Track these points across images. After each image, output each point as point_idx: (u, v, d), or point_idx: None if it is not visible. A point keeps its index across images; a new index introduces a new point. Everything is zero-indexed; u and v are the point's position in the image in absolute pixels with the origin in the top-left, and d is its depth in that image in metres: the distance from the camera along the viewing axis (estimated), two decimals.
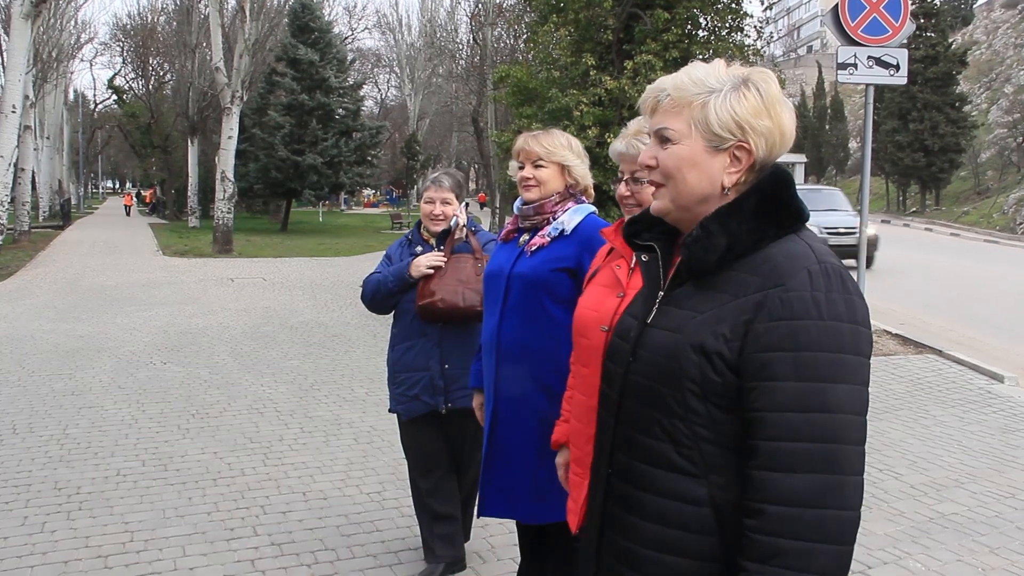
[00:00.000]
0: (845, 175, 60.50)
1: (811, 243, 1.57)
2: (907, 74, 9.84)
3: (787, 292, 1.49)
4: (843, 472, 1.44)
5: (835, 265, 1.52)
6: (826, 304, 1.47)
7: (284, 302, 13.60)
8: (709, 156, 1.60)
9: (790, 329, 1.47)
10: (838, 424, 1.45)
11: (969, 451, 6.22)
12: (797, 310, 1.47)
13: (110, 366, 8.60)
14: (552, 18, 11.87)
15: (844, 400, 1.45)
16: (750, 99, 1.58)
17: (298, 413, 6.98)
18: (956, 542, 4.59)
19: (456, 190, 3.73)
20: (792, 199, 1.60)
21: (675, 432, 1.57)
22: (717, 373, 1.52)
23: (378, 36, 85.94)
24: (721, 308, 1.54)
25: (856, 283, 1.52)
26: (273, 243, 26.76)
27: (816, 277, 1.49)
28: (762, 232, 1.57)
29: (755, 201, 1.59)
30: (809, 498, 1.43)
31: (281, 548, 4.36)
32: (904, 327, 10.83)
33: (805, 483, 1.43)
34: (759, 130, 1.58)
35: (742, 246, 1.57)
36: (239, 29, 24.27)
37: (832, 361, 1.46)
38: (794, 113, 1.64)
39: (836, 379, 1.45)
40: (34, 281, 16.19)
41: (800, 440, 1.44)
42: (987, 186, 42.49)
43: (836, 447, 1.44)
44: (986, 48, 58.96)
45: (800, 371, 1.46)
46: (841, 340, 1.47)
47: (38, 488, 5.16)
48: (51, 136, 42.23)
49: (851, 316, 1.49)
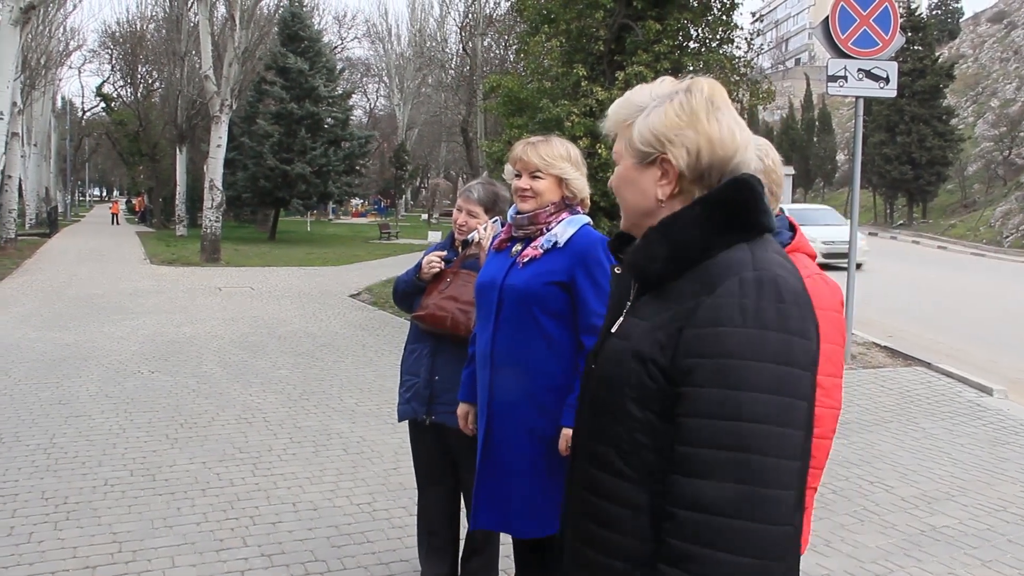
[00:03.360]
0: (833, 187, 60.88)
1: (758, 252, 1.55)
2: (896, 87, 9.89)
3: (716, 299, 1.48)
4: (759, 484, 1.41)
5: (772, 274, 1.50)
6: (753, 312, 1.46)
7: (272, 311, 13.54)
8: (638, 172, 1.65)
9: (714, 335, 1.46)
10: (755, 434, 1.42)
11: (959, 464, 6.24)
12: (722, 316, 1.47)
13: (97, 375, 8.54)
14: (543, 28, 11.90)
15: (765, 410, 1.42)
16: (670, 112, 1.60)
17: (287, 423, 6.94)
18: (948, 555, 4.59)
19: (486, 203, 3.62)
20: (746, 210, 1.58)
21: (618, 439, 1.58)
22: (652, 379, 1.53)
23: (367, 45, 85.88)
24: (661, 316, 1.56)
25: (797, 294, 1.50)
26: (261, 252, 26.68)
27: (747, 285, 1.48)
28: (708, 241, 1.56)
29: (700, 210, 1.58)
30: (719, 507, 1.41)
31: (271, 559, 4.32)
32: (892, 339, 10.86)
33: (716, 491, 1.42)
34: (677, 141, 1.59)
35: (687, 254, 1.57)
36: (228, 37, 24.22)
37: (755, 369, 1.43)
38: (732, 120, 1.61)
39: (757, 388, 1.43)
40: (20, 289, 16.07)
41: (715, 448, 1.43)
42: (974, 199, 42.79)
43: (750, 457, 1.42)
44: (972, 62, 59.47)
45: (720, 378, 1.44)
46: (766, 349, 1.44)
47: (25, 498, 5.10)
48: (38, 143, 42.07)
49: (781, 325, 1.46)
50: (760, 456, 1.42)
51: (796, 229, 2.51)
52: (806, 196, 61.22)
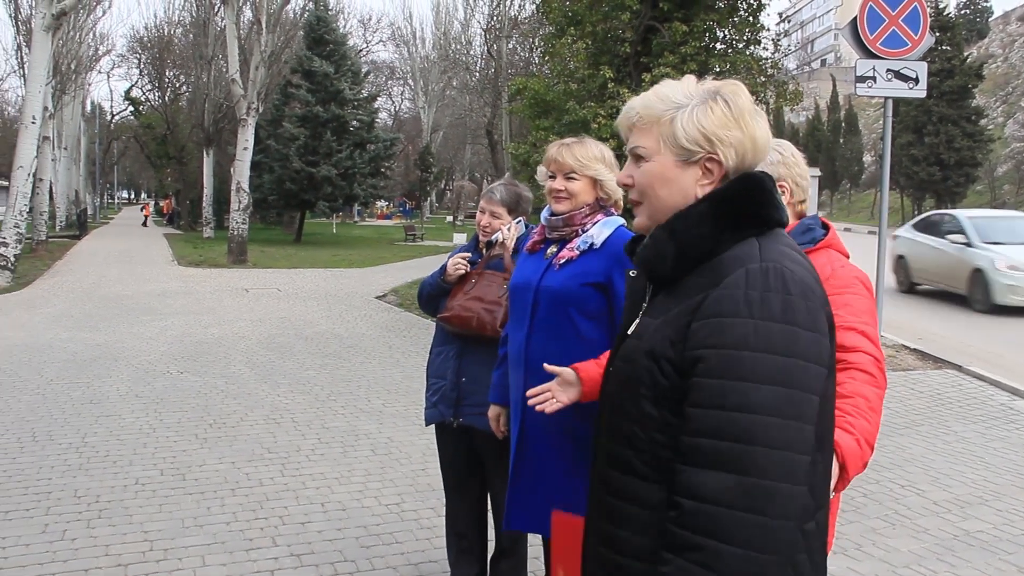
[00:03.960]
0: (859, 188, 60.43)
1: (767, 245, 1.55)
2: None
3: (722, 290, 1.49)
4: (760, 476, 1.40)
5: (779, 265, 1.49)
6: (759, 303, 1.45)
7: (299, 313, 13.61)
8: (680, 170, 1.63)
9: (719, 326, 1.46)
10: (757, 425, 1.41)
11: (992, 468, 6.16)
12: (726, 308, 1.47)
13: (127, 375, 8.62)
14: (569, 31, 11.89)
15: (767, 402, 1.41)
16: (717, 111, 1.60)
17: (315, 424, 6.97)
18: (982, 560, 4.54)
19: (509, 204, 3.62)
20: (755, 204, 1.59)
21: (634, 437, 1.59)
22: (665, 376, 1.53)
23: (392, 49, 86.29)
24: (671, 312, 1.56)
25: (806, 287, 1.49)
26: (287, 254, 26.83)
27: (753, 275, 1.48)
28: (717, 237, 1.57)
29: (706, 206, 1.59)
30: (722, 497, 1.41)
31: (300, 559, 4.34)
32: (922, 342, 10.75)
33: (719, 481, 1.42)
34: (727, 141, 1.60)
35: (696, 251, 1.57)
36: (255, 41, 24.40)
37: (758, 360, 1.43)
38: (767, 123, 1.66)
39: (760, 379, 1.42)
40: (51, 290, 16.26)
41: (718, 438, 1.43)
42: (1004, 200, 42.33)
43: (753, 448, 1.41)
44: (1002, 61, 58.83)
45: (724, 369, 1.44)
46: (770, 340, 1.43)
47: (58, 496, 5.16)
48: (68, 147, 42.54)
49: (787, 317, 1.45)
50: (764, 448, 1.41)
51: (829, 227, 2.51)
52: (832, 198, 60.80)
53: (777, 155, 2.48)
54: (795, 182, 2.49)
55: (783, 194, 2.48)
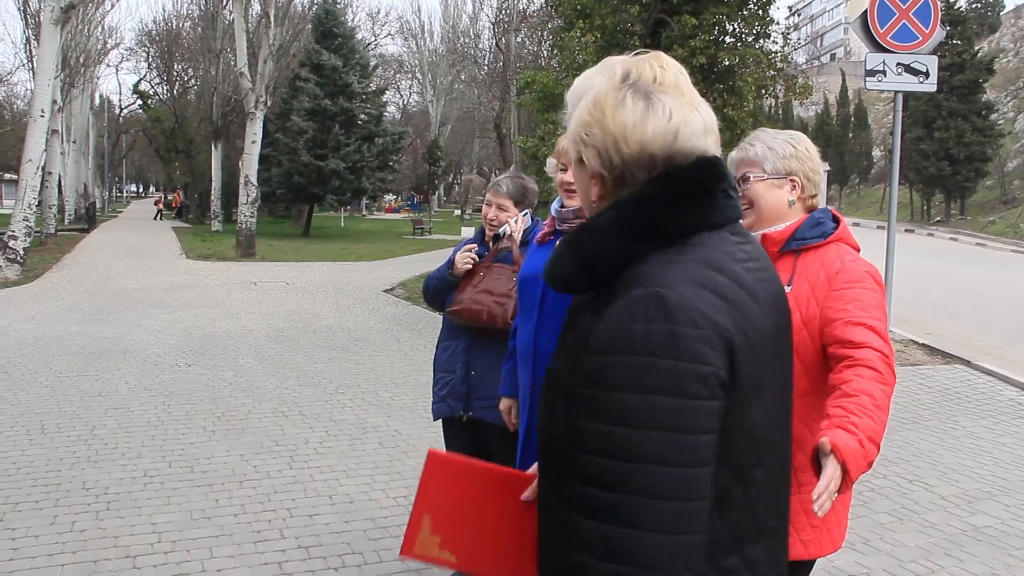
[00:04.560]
0: (868, 183, 60.21)
1: (671, 262, 1.36)
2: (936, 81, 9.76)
3: (605, 322, 1.34)
4: (638, 527, 1.28)
5: (663, 292, 1.31)
6: (641, 337, 1.29)
7: (307, 306, 13.64)
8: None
9: (600, 365, 1.32)
10: (636, 473, 1.28)
11: (1001, 463, 6.14)
12: (604, 342, 1.32)
13: (136, 368, 8.65)
14: (578, 24, 11.86)
15: (649, 448, 1.27)
16: (583, 108, 1.44)
17: (323, 416, 6.98)
18: (990, 555, 4.53)
19: (515, 196, 3.61)
20: (663, 213, 1.39)
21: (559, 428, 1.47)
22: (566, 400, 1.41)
23: (400, 42, 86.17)
24: (572, 335, 1.47)
25: (693, 313, 1.30)
26: (295, 247, 26.87)
27: (636, 305, 1.31)
28: (620, 250, 1.39)
29: (610, 216, 1.41)
30: (606, 552, 1.31)
31: (308, 551, 4.35)
32: (931, 337, 10.73)
33: (604, 534, 1.30)
34: (588, 142, 1.43)
35: (600, 268, 1.41)
36: (263, 35, 24.42)
37: (638, 403, 1.28)
38: (642, 107, 1.38)
39: (640, 425, 1.28)
40: (60, 283, 16.32)
41: (598, 487, 1.31)
42: (1014, 195, 42.12)
43: (629, 500, 1.28)
44: (1013, 56, 58.52)
45: (601, 412, 1.31)
46: (651, 380, 1.28)
47: (67, 488, 5.18)
48: (77, 140, 42.61)
49: (671, 352, 1.28)
50: (641, 499, 1.28)
51: (840, 221, 2.50)
52: (841, 193, 60.63)
53: (791, 148, 2.46)
54: (807, 177, 2.47)
55: (794, 189, 2.47)
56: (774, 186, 2.46)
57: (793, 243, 2.44)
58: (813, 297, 2.35)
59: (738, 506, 1.39)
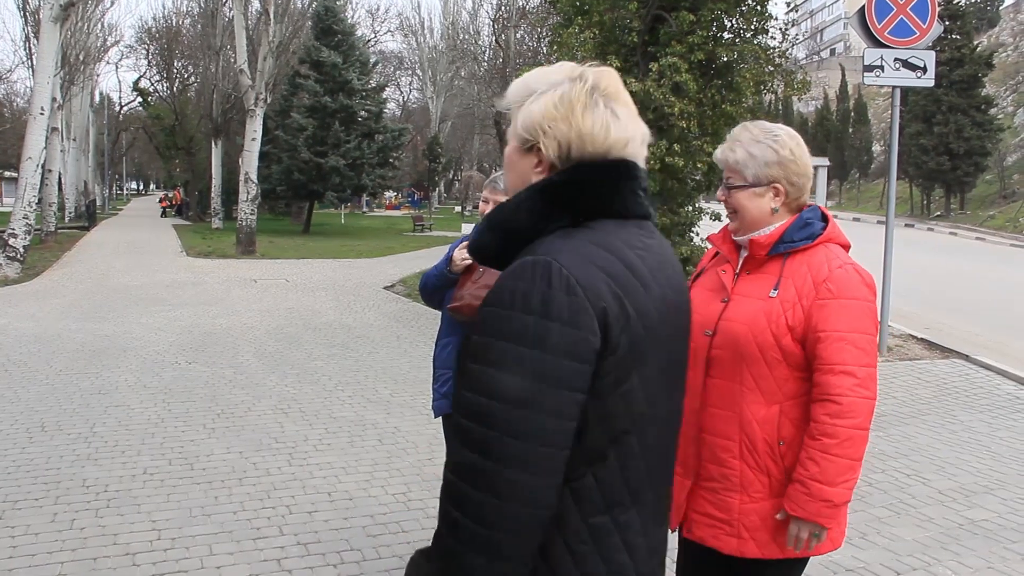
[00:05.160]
0: (868, 178, 60.17)
1: (566, 238, 1.55)
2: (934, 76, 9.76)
3: (499, 280, 1.54)
4: (494, 460, 1.45)
5: (549, 259, 1.49)
6: (521, 295, 1.48)
7: (307, 303, 13.65)
8: (519, 156, 1.66)
9: (489, 315, 1.51)
10: (496, 411, 1.45)
11: (998, 457, 6.16)
12: (493, 298, 1.52)
13: (136, 365, 8.66)
14: (577, 20, 11.85)
15: (511, 391, 1.45)
16: (548, 102, 1.60)
17: (323, 414, 7.00)
18: (987, 549, 4.55)
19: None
20: (570, 197, 1.58)
21: None
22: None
23: (400, 39, 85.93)
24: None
25: (571, 283, 1.47)
26: (296, 245, 26.88)
27: (524, 268, 1.50)
28: (536, 227, 1.58)
29: (525, 196, 1.60)
30: (464, 474, 1.48)
31: (307, 548, 4.37)
32: (929, 331, 10.74)
33: (463, 458, 1.48)
34: (551, 133, 1.59)
35: (517, 242, 1.59)
36: (263, 32, 24.40)
37: (508, 350, 1.46)
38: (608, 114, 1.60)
39: (505, 368, 1.45)
40: (60, 281, 16.34)
41: (469, 420, 1.48)
42: (1013, 190, 42.10)
43: (488, 433, 1.46)
44: (1012, 50, 58.45)
45: (482, 355, 1.49)
46: (520, 331, 1.46)
47: (67, 485, 5.20)
48: (77, 138, 42.60)
49: (544, 311, 1.46)
50: (498, 434, 1.45)
51: (829, 219, 2.49)
52: (841, 188, 60.58)
53: (772, 154, 2.42)
54: (790, 181, 2.42)
55: (776, 196, 2.43)
56: (756, 195, 2.44)
57: (781, 246, 2.42)
58: (799, 303, 2.34)
59: (610, 467, 1.55)
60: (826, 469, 2.25)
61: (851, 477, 2.28)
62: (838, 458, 2.25)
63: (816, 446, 2.27)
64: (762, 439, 2.37)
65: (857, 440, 2.26)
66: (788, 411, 2.37)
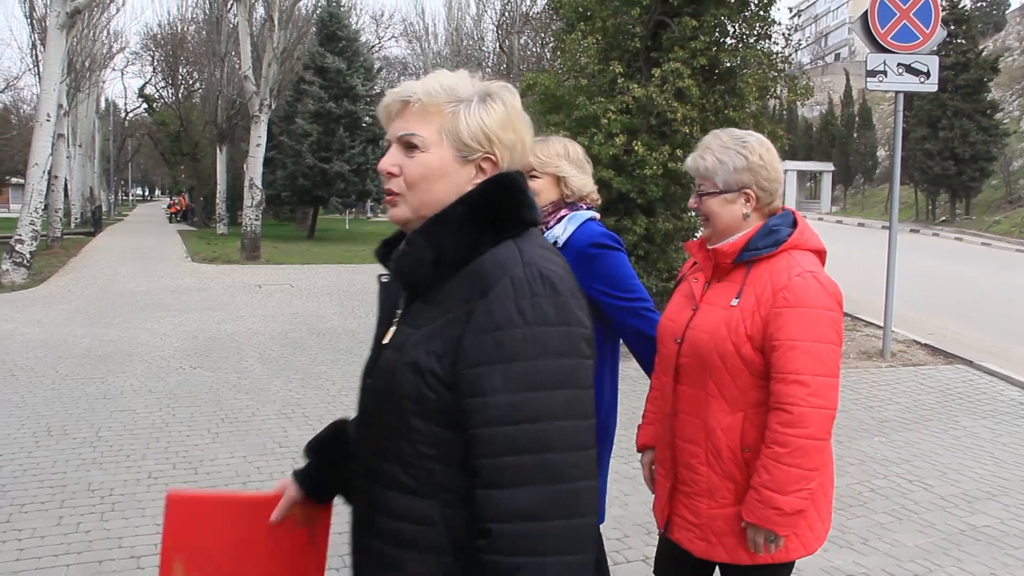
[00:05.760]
0: (873, 184, 60.08)
1: (525, 248, 1.53)
2: (937, 81, 9.77)
3: (491, 303, 1.45)
4: (564, 480, 1.42)
5: (542, 269, 1.48)
6: (531, 310, 1.44)
7: (312, 308, 13.68)
8: (458, 166, 1.59)
9: (495, 341, 1.43)
10: (554, 432, 1.42)
11: (1001, 463, 6.16)
12: (500, 320, 1.44)
13: (141, 370, 8.70)
14: (579, 26, 11.87)
15: (558, 407, 1.43)
16: (498, 111, 1.59)
17: (327, 418, 6.95)
18: (988, 555, 4.55)
19: None
20: (509, 204, 1.57)
21: (401, 452, 1.54)
22: (431, 390, 1.49)
23: (405, 44, 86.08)
24: (434, 323, 1.52)
25: (570, 285, 1.51)
26: (300, 250, 26.92)
27: (520, 283, 1.46)
28: (475, 240, 1.53)
29: (463, 210, 1.55)
30: (532, 512, 1.40)
31: None
32: (933, 337, 10.74)
33: (526, 497, 1.41)
34: (505, 142, 1.59)
35: (454, 256, 1.53)
36: (267, 38, 24.47)
37: (542, 368, 1.43)
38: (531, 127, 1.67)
39: (546, 386, 1.43)
40: (66, 286, 16.39)
41: (517, 453, 1.41)
42: (1019, 195, 42.01)
43: (551, 456, 1.41)
44: (1019, 54, 58.38)
45: (510, 383, 1.42)
46: (550, 345, 1.44)
47: (72, 489, 5.23)
48: (83, 144, 42.74)
49: (561, 319, 1.45)
50: (562, 452, 1.42)
51: (797, 224, 2.44)
52: (846, 193, 60.53)
53: (742, 160, 2.40)
54: (760, 187, 2.41)
55: (748, 201, 2.42)
56: (727, 201, 2.43)
57: (746, 254, 2.40)
58: (758, 311, 2.33)
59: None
60: (777, 477, 2.26)
61: (803, 487, 2.27)
62: (789, 467, 2.25)
63: (768, 454, 2.28)
64: (727, 446, 2.38)
65: (809, 450, 2.25)
66: (752, 418, 2.37)
